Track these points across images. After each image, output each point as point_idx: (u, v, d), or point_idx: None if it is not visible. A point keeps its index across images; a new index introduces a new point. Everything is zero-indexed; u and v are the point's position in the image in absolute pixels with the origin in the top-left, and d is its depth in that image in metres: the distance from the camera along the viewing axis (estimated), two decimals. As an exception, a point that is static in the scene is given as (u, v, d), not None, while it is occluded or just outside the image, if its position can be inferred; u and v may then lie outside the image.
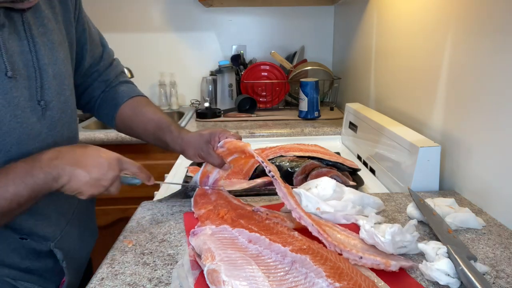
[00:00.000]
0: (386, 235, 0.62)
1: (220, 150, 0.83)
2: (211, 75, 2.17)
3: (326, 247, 0.63)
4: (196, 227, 0.72)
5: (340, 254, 0.62)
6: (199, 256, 0.62)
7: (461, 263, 0.57)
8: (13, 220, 0.63)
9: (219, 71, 1.97)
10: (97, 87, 0.89)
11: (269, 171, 0.72)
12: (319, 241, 0.65)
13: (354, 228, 0.73)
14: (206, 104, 1.92)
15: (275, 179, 0.72)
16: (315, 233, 0.66)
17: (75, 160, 0.64)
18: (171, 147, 0.85)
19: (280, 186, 0.71)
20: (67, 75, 0.73)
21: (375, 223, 0.71)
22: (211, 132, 0.82)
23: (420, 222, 0.77)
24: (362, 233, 0.66)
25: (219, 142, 0.82)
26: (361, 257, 0.61)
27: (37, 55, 0.66)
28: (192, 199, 0.86)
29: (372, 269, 0.59)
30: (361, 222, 0.68)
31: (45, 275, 0.74)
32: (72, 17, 0.77)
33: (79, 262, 0.81)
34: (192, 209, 0.83)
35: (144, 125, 0.87)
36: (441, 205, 0.78)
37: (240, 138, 0.82)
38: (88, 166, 0.64)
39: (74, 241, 0.79)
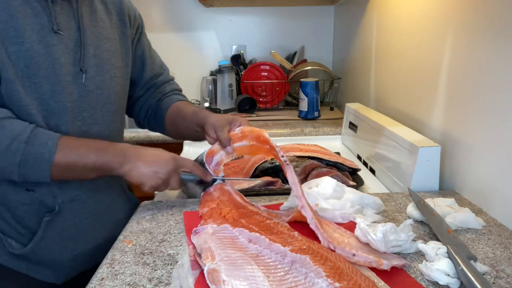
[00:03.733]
0: (377, 233, 0.62)
1: (233, 132, 0.85)
2: (211, 75, 2.16)
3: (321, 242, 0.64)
4: (199, 225, 0.73)
5: (333, 251, 0.62)
6: (199, 255, 0.62)
7: (461, 263, 0.57)
8: (71, 180, 0.80)
9: (219, 71, 1.97)
10: (154, 97, 1.05)
11: (282, 156, 0.75)
12: (319, 241, 0.65)
13: (352, 227, 0.73)
14: (206, 104, 1.92)
15: (288, 164, 0.74)
16: (312, 226, 0.66)
17: (138, 155, 0.79)
18: (201, 121, 0.92)
19: (293, 173, 0.73)
20: (110, 63, 0.87)
21: (372, 222, 0.71)
22: (236, 117, 0.90)
23: (420, 222, 0.77)
24: (357, 231, 0.67)
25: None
26: (353, 254, 0.61)
27: (82, 34, 0.81)
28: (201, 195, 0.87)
29: (372, 269, 0.59)
30: (358, 220, 0.68)
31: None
32: (128, 32, 0.93)
33: (74, 236, 0.84)
34: (197, 208, 0.83)
35: (184, 116, 0.99)
36: (441, 205, 0.78)
37: None
38: (148, 161, 0.79)
39: (80, 214, 0.85)
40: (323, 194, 0.80)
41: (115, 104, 0.90)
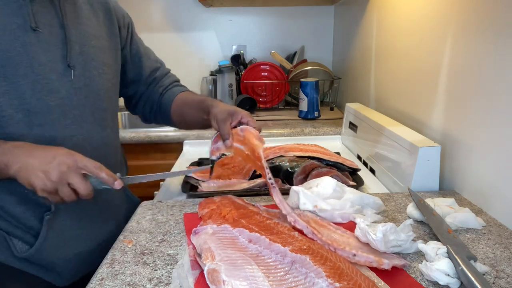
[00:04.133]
0: (377, 233, 0.62)
1: (238, 131, 0.84)
2: (211, 75, 2.16)
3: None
4: (198, 225, 0.72)
5: (335, 252, 0.62)
6: (199, 255, 0.62)
7: (461, 263, 0.57)
8: None
9: (219, 71, 1.97)
10: (156, 92, 1.05)
11: (270, 178, 0.75)
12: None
13: (352, 227, 0.73)
14: (206, 104, 1.92)
15: (274, 187, 0.75)
16: (310, 235, 0.67)
17: (29, 153, 0.69)
18: (206, 110, 0.91)
19: (278, 194, 0.74)
20: (97, 60, 0.85)
21: (372, 222, 0.71)
22: (237, 110, 0.87)
23: (420, 222, 0.77)
24: (357, 231, 0.67)
25: (241, 122, 0.85)
26: (354, 255, 0.61)
27: (66, 31, 0.79)
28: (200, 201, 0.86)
29: (372, 269, 0.59)
30: (358, 220, 0.68)
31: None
32: (115, 30, 0.92)
33: (66, 237, 0.83)
34: (197, 209, 0.83)
35: (190, 106, 1.00)
36: (441, 205, 0.78)
37: (259, 130, 0.85)
38: (38, 159, 0.67)
39: (78, 214, 0.83)
40: (323, 194, 0.80)
41: (105, 102, 0.88)
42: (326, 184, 0.82)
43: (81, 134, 0.81)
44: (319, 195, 0.80)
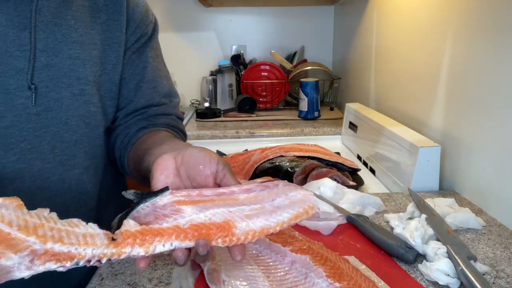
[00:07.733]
0: (416, 239, 0.64)
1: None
2: (211, 75, 2.16)
3: (324, 248, 0.64)
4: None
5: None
6: (199, 256, 0.62)
7: (461, 263, 0.57)
8: None
9: (219, 71, 1.97)
10: (138, 124, 0.75)
11: None
12: (319, 241, 0.65)
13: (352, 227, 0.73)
14: (206, 104, 1.92)
15: None
16: None
17: None
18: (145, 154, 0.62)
19: None
20: (74, 76, 0.65)
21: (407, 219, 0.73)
22: (209, 156, 0.57)
23: (420, 222, 0.77)
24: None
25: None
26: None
27: (33, 35, 0.60)
28: None
29: (372, 269, 0.60)
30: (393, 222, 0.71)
31: None
32: (121, 37, 0.71)
33: None
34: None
35: (143, 146, 0.68)
36: (441, 205, 0.78)
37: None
38: None
39: None
40: (325, 197, 0.81)
41: (77, 132, 0.66)
42: (326, 187, 0.82)
43: (30, 175, 0.61)
44: (320, 198, 0.80)
